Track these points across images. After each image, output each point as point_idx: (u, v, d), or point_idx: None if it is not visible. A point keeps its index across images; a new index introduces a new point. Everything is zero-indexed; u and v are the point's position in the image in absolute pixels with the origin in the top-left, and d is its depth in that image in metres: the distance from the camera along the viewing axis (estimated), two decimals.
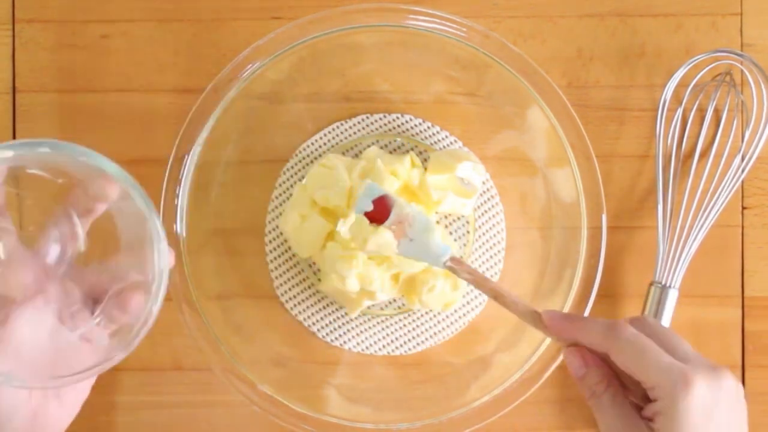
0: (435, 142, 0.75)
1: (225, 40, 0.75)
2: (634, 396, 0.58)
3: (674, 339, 0.57)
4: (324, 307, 0.75)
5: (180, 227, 0.69)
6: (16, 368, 0.53)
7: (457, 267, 0.63)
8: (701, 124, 0.75)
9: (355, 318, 0.74)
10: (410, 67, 0.74)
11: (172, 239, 0.69)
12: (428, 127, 0.75)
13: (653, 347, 0.56)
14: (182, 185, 0.69)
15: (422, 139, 0.75)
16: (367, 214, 0.64)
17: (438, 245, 0.63)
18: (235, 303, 0.73)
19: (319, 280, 0.74)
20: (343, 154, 0.75)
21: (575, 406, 0.75)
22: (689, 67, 0.72)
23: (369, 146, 0.75)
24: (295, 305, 0.75)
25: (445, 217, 0.75)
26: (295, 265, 0.75)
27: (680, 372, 0.54)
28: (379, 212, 0.63)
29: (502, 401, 0.68)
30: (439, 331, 0.75)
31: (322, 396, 0.73)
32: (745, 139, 0.73)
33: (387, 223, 0.63)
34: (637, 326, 0.58)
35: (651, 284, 0.73)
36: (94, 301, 0.57)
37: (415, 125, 0.75)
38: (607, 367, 0.58)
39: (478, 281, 0.63)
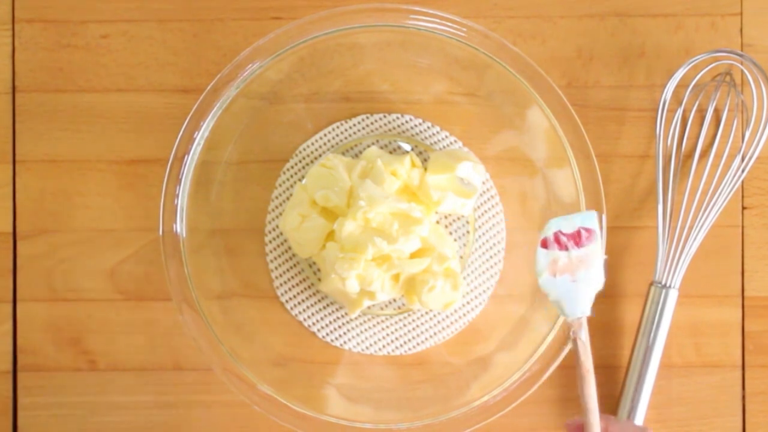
0: (435, 142, 0.75)
1: (225, 40, 0.75)
2: None
3: None
4: (324, 307, 0.75)
5: (180, 227, 0.69)
6: None
7: (578, 333, 0.57)
8: (701, 124, 0.75)
9: (355, 318, 0.74)
10: (410, 67, 0.74)
11: (172, 239, 0.69)
12: (428, 127, 0.75)
13: None
14: (182, 185, 0.69)
15: (422, 139, 0.75)
16: (554, 237, 0.59)
17: (590, 300, 0.57)
18: (235, 303, 0.74)
19: (319, 280, 0.74)
20: (343, 154, 0.75)
21: (575, 406, 0.75)
22: (689, 67, 0.72)
23: (369, 146, 0.75)
24: (295, 305, 0.75)
25: (445, 217, 0.75)
26: (295, 265, 0.75)
27: None
28: (568, 243, 0.59)
29: (502, 401, 0.68)
30: (439, 331, 0.75)
31: (322, 396, 0.73)
32: (745, 139, 0.73)
33: (563, 255, 0.58)
34: None
35: (651, 284, 0.73)
36: None
37: (415, 125, 0.75)
38: None
39: (584, 357, 0.57)
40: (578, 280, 0.58)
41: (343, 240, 0.69)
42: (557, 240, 0.59)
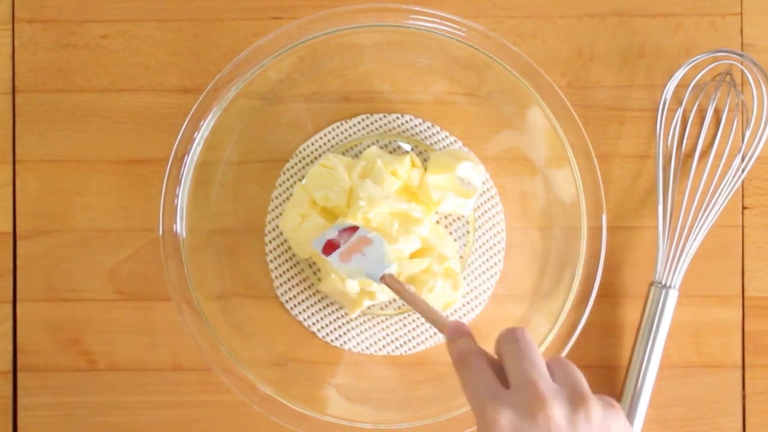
0: (435, 142, 0.75)
1: (225, 40, 0.75)
2: None
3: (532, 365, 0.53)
4: (324, 307, 0.75)
5: (180, 227, 0.69)
6: None
7: (390, 282, 0.65)
8: (701, 124, 0.75)
9: (355, 318, 0.74)
10: (410, 67, 0.74)
11: (172, 239, 0.69)
12: (428, 127, 0.75)
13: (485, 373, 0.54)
14: (182, 185, 0.69)
15: (422, 139, 0.75)
16: (327, 244, 0.69)
17: (389, 259, 0.66)
18: (235, 303, 0.73)
19: (319, 280, 0.74)
20: (343, 154, 0.75)
21: None
22: (689, 67, 0.72)
23: (369, 146, 0.75)
24: (295, 305, 0.75)
25: (445, 217, 0.75)
26: (295, 265, 0.75)
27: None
28: (340, 240, 0.69)
29: None
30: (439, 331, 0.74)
31: (322, 396, 0.73)
32: (745, 139, 0.73)
33: (342, 246, 0.68)
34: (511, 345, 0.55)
35: (651, 284, 0.73)
36: None
37: (415, 125, 0.75)
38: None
39: (407, 296, 0.63)
40: (366, 253, 0.67)
41: None
42: (330, 245, 0.68)
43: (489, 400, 0.52)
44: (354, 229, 0.68)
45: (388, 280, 0.65)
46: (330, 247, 0.68)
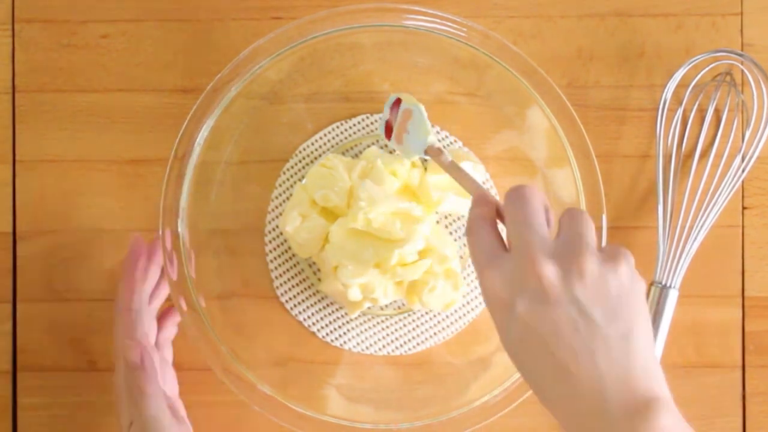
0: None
1: (225, 40, 0.75)
2: None
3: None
4: (324, 307, 0.75)
5: (180, 227, 0.69)
6: None
7: (432, 152, 0.66)
8: (701, 124, 0.75)
9: (355, 318, 0.74)
10: (410, 67, 0.74)
11: (173, 239, 0.69)
12: None
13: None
14: (182, 185, 0.69)
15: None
16: (387, 126, 0.71)
17: (428, 129, 0.68)
18: (235, 303, 0.73)
19: (319, 280, 0.74)
20: (343, 154, 0.75)
21: None
22: (689, 67, 0.72)
23: (369, 146, 0.75)
24: (295, 305, 0.75)
25: (445, 217, 0.75)
26: (295, 265, 0.75)
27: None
28: (391, 117, 0.71)
29: (502, 401, 0.68)
30: (439, 331, 0.75)
31: (322, 396, 0.73)
32: (746, 139, 0.73)
33: (396, 123, 0.70)
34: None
35: (651, 284, 0.73)
36: None
37: None
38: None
39: (446, 166, 0.64)
40: (410, 129, 0.69)
41: (345, 246, 0.69)
42: (388, 127, 0.71)
43: (486, 265, 0.51)
44: (398, 102, 0.70)
45: (430, 152, 0.66)
46: (389, 129, 0.71)
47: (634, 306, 0.50)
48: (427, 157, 0.67)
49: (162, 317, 0.71)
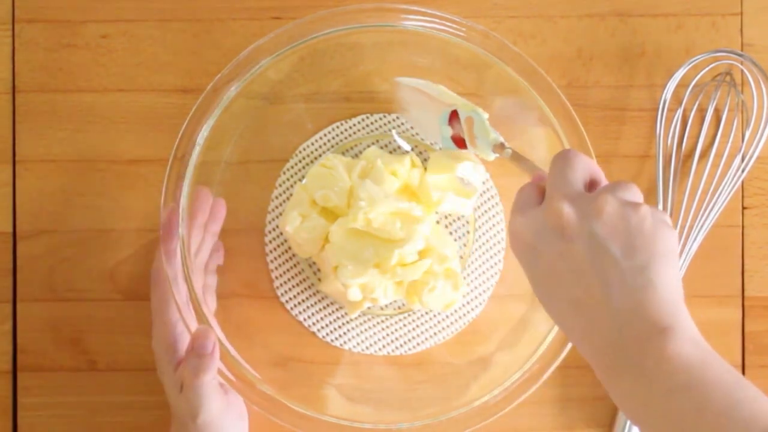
0: (435, 142, 0.75)
1: (225, 40, 0.75)
2: None
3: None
4: (324, 307, 0.75)
5: (180, 227, 0.69)
6: None
7: (499, 151, 0.65)
8: (701, 124, 0.75)
9: (355, 318, 0.74)
10: (410, 67, 0.74)
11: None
12: None
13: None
14: (182, 185, 0.69)
15: (422, 139, 0.75)
16: (456, 139, 0.70)
17: (487, 129, 0.67)
18: (235, 303, 0.73)
19: (319, 280, 0.74)
20: (343, 154, 0.75)
21: (575, 406, 0.75)
22: (689, 67, 0.72)
23: (369, 146, 0.75)
24: (295, 305, 0.75)
25: (445, 217, 0.75)
26: (295, 265, 0.75)
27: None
28: (456, 130, 0.70)
29: (502, 401, 0.68)
30: (440, 331, 0.75)
31: (322, 396, 0.73)
32: (745, 139, 0.73)
33: (465, 133, 0.69)
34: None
35: None
36: None
37: None
38: None
39: (514, 155, 0.65)
40: (477, 134, 0.67)
41: (344, 246, 0.69)
42: (458, 140, 0.70)
43: (516, 211, 0.55)
44: (455, 113, 0.69)
45: (498, 150, 0.66)
46: (460, 141, 0.70)
47: (656, 241, 0.50)
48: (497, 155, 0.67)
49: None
